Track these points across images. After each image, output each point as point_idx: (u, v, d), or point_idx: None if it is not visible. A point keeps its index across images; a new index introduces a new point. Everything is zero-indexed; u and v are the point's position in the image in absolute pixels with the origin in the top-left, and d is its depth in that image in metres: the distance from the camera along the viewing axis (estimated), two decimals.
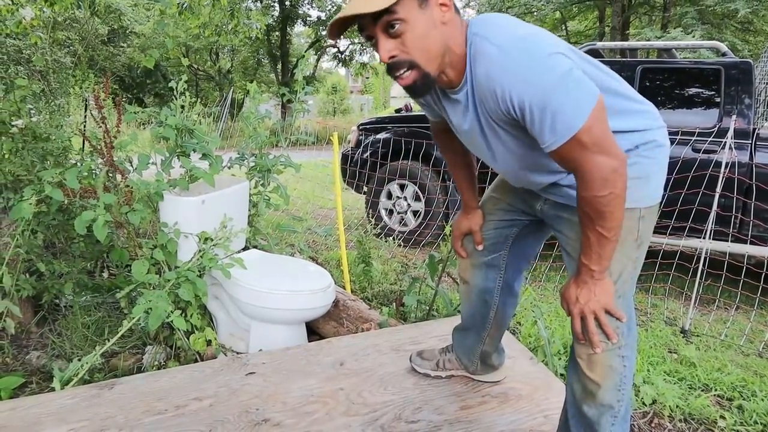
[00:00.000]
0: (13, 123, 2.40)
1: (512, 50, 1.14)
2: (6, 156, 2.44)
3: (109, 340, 2.11)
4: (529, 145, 1.25)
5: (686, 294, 3.55)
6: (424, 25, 1.17)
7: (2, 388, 2.02)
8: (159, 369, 2.22)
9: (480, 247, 1.70)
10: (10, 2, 4.52)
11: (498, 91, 1.16)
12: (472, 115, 1.31)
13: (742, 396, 2.44)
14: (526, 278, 3.91)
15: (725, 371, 2.63)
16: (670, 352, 2.84)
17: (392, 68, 1.20)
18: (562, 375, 2.30)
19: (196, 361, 2.28)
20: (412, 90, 1.24)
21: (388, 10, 1.13)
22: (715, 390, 2.46)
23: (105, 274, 2.89)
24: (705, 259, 3.29)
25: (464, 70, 1.24)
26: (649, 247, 1.42)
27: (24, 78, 3.11)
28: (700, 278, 3.24)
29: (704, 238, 3.40)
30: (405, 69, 1.19)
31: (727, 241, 3.64)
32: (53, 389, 1.90)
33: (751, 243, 3.62)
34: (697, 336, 3.09)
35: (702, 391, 2.45)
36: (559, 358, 2.44)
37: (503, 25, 1.21)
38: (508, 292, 1.75)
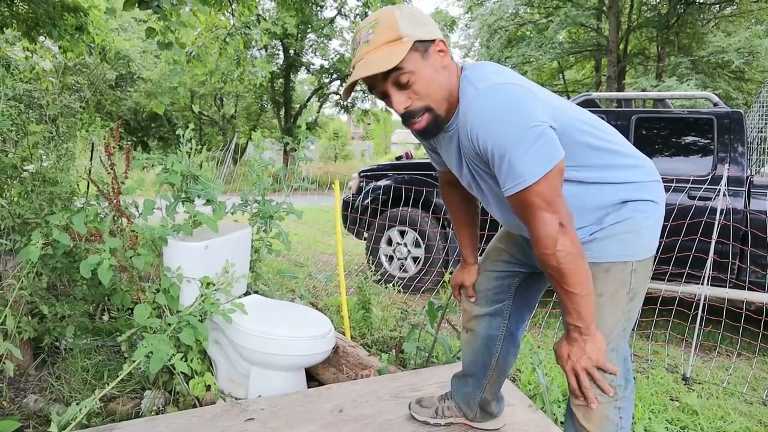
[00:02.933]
0: (24, 168, 2.47)
1: (487, 94, 1.22)
2: (15, 199, 2.50)
3: (108, 384, 2.11)
4: None
5: (687, 340, 3.55)
6: (429, 72, 1.26)
7: None
8: (157, 414, 2.21)
9: (473, 300, 1.74)
10: (27, 50, 4.68)
11: (469, 130, 1.25)
12: (459, 155, 1.38)
13: None
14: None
15: (728, 420, 2.61)
16: (672, 399, 2.82)
17: (407, 116, 1.30)
18: (561, 423, 2.28)
19: (194, 406, 2.27)
20: (425, 132, 1.34)
21: (396, 67, 1.22)
22: None
23: (106, 318, 2.90)
24: (704, 305, 3.30)
25: (455, 109, 1.33)
26: (648, 293, 1.45)
27: (34, 122, 3.19)
28: (700, 324, 3.24)
29: (702, 284, 3.41)
30: (419, 114, 1.29)
31: (726, 287, 3.65)
32: None
33: (749, 289, 3.64)
34: (699, 383, 3.07)
35: None
36: (558, 406, 2.42)
37: (488, 71, 1.30)
38: (511, 341, 1.76)
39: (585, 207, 1.31)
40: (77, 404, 1.98)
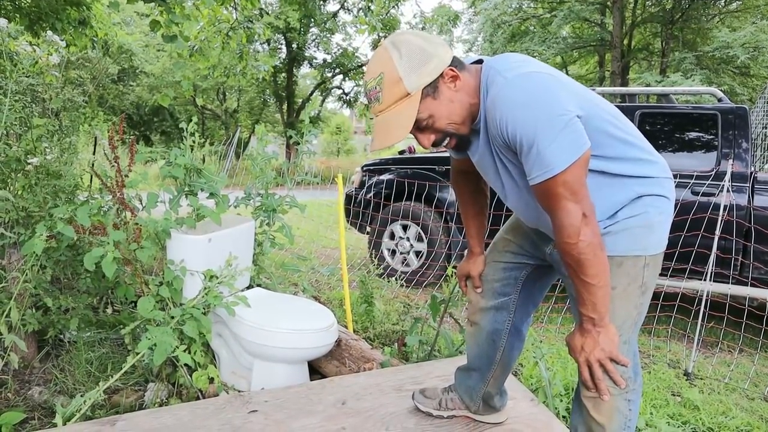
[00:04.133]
0: (28, 161, 2.47)
1: (516, 83, 1.24)
2: (20, 192, 2.50)
3: (112, 376, 2.12)
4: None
5: (689, 336, 3.55)
6: (445, 109, 1.32)
7: (3, 423, 2.03)
8: (161, 406, 2.22)
9: (479, 291, 1.74)
10: (30, 44, 4.69)
11: (498, 118, 1.25)
12: (484, 145, 1.39)
13: None
14: None
15: (730, 415, 2.61)
16: (674, 394, 2.82)
17: (435, 145, 1.38)
18: (563, 417, 2.29)
19: (198, 398, 2.28)
20: (456, 149, 1.43)
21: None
22: None
23: (109, 310, 2.91)
24: (706, 301, 3.30)
25: (479, 105, 1.34)
26: None
27: (37, 116, 3.20)
28: (702, 320, 3.24)
29: (705, 280, 3.41)
30: (445, 141, 1.38)
31: (728, 283, 3.65)
32: (55, 425, 1.90)
33: (752, 285, 3.63)
34: (701, 379, 3.07)
35: None
36: (561, 400, 2.43)
37: (515, 60, 1.32)
38: (516, 335, 1.76)
39: (603, 199, 1.31)
40: (81, 396, 2.00)
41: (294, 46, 19.81)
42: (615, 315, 1.32)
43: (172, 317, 2.16)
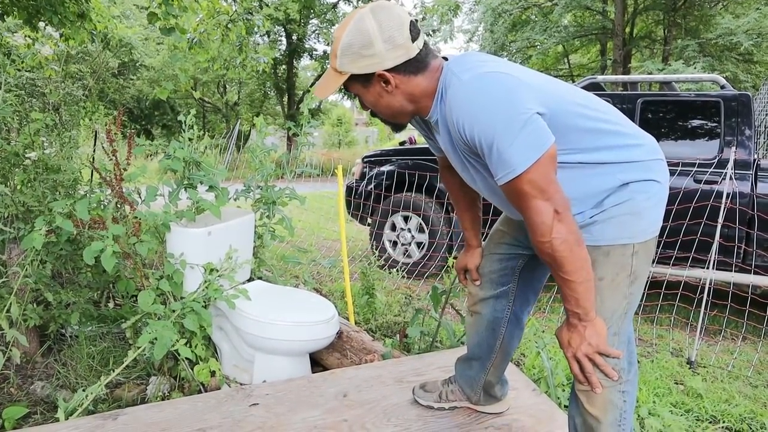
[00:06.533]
0: (27, 155, 2.46)
1: (472, 85, 1.22)
2: (18, 187, 2.49)
3: (113, 371, 2.13)
4: None
5: (692, 324, 3.54)
6: (372, 97, 1.38)
7: (6, 418, 2.03)
8: (163, 400, 2.23)
9: (478, 283, 1.74)
10: (29, 38, 4.67)
11: (456, 121, 1.25)
12: (448, 144, 1.39)
13: (750, 428, 2.42)
14: None
15: (733, 403, 2.61)
16: (677, 383, 2.82)
17: (372, 114, 1.47)
18: (566, 407, 2.29)
19: (199, 392, 2.29)
20: (393, 129, 1.52)
21: (345, 85, 1.36)
22: (723, 422, 2.44)
23: (110, 305, 2.90)
24: (709, 289, 3.28)
25: (430, 105, 1.37)
26: (653, 277, 1.43)
27: (36, 111, 3.19)
28: (705, 308, 3.23)
29: (708, 268, 3.40)
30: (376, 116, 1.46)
31: (731, 271, 3.64)
32: (57, 420, 1.90)
33: (755, 273, 3.62)
34: (704, 367, 3.07)
35: (709, 423, 2.44)
36: (563, 390, 2.43)
37: (472, 61, 1.30)
38: (516, 323, 1.76)
39: (585, 191, 1.29)
40: (83, 391, 2.01)
41: (294, 37, 19.71)
42: (603, 306, 1.30)
43: (173, 311, 2.16)
